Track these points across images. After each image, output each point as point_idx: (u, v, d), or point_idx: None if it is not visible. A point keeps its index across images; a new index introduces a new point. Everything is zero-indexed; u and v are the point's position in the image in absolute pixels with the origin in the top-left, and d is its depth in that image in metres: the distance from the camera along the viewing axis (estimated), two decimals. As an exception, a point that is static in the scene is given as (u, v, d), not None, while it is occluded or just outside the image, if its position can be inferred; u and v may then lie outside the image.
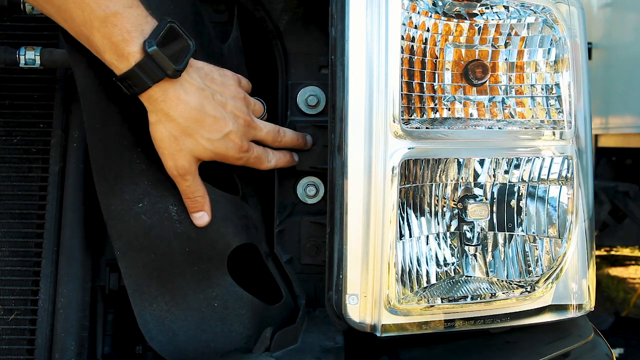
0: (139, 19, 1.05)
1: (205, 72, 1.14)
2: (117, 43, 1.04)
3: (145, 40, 1.04)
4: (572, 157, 1.18)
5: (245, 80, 1.22)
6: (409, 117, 1.10)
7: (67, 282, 1.18)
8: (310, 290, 1.29)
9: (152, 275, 1.16)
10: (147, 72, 1.05)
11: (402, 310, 1.11)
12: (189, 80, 1.10)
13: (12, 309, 1.18)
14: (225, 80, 1.16)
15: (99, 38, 1.04)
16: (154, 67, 1.05)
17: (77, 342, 1.17)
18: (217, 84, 1.14)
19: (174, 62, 1.06)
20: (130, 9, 1.04)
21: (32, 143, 1.23)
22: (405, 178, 1.10)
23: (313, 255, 1.27)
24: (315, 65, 1.27)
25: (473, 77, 1.15)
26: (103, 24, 1.03)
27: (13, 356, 1.16)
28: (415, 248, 1.13)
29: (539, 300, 1.19)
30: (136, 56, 1.04)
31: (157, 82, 1.06)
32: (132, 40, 1.04)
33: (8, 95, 1.24)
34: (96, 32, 1.03)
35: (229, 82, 1.17)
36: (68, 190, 1.21)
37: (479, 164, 1.17)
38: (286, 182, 1.27)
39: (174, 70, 1.06)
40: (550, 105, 1.18)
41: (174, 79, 1.08)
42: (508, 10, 1.16)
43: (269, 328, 1.17)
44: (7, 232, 1.20)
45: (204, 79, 1.12)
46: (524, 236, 1.18)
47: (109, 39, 1.03)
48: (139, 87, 1.07)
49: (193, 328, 1.17)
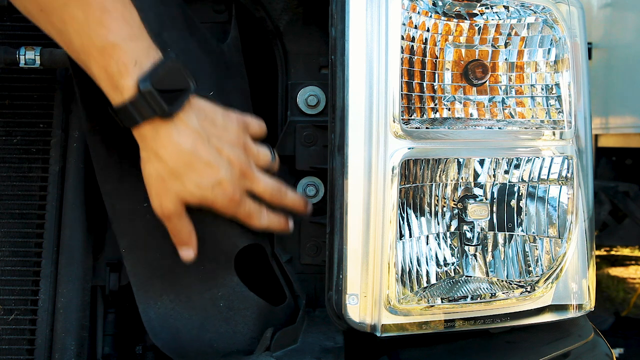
0: (139, 52, 1.01)
1: (206, 114, 1.08)
2: (112, 75, 1.00)
3: (140, 76, 1.00)
4: (572, 157, 1.18)
5: (256, 124, 1.17)
6: (409, 117, 1.10)
7: (67, 282, 1.18)
8: (310, 290, 1.29)
9: (157, 274, 1.16)
10: (138, 109, 1.02)
11: (402, 310, 1.11)
12: (185, 121, 1.05)
13: (12, 309, 1.18)
14: (227, 124, 1.11)
15: (96, 67, 1.01)
16: (146, 106, 1.01)
17: (77, 342, 1.17)
18: (217, 127, 1.09)
19: (167, 102, 1.02)
20: (131, 41, 1.00)
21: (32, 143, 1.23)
22: (405, 178, 1.10)
23: (313, 255, 1.27)
24: (315, 65, 1.27)
25: (473, 77, 1.15)
26: (100, 54, 1.00)
27: (13, 356, 1.16)
28: (415, 248, 1.13)
29: (539, 300, 1.19)
30: (129, 91, 1.01)
31: (147, 120, 1.03)
32: (127, 75, 1.00)
33: (8, 95, 1.24)
34: (93, 61, 1.01)
35: (231, 127, 1.11)
36: (68, 190, 1.21)
37: (479, 164, 1.17)
38: (286, 182, 1.27)
39: (166, 112, 1.02)
40: (550, 105, 1.18)
41: (167, 119, 1.04)
42: (508, 10, 1.16)
43: (269, 328, 1.18)
44: (7, 232, 1.20)
45: (202, 120, 1.07)
46: (524, 236, 1.18)
47: (105, 70, 1.00)
48: (130, 122, 1.04)
49: (197, 327, 1.18)
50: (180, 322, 1.17)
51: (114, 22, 0.99)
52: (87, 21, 0.98)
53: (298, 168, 1.25)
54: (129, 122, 1.03)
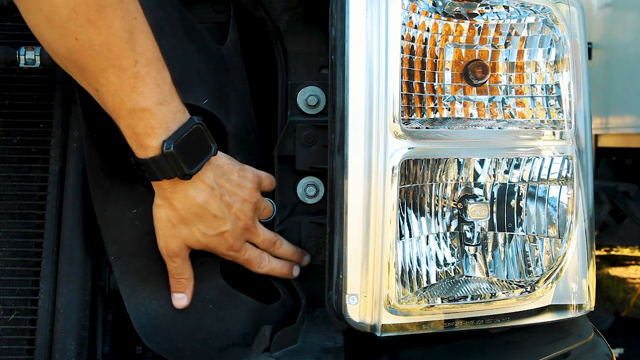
0: (167, 115, 1.06)
1: (223, 172, 1.15)
2: (139, 134, 1.06)
3: (165, 139, 1.06)
4: (572, 157, 1.18)
5: (268, 180, 1.24)
6: (409, 117, 1.10)
7: (67, 282, 1.18)
8: (310, 290, 1.29)
9: (146, 280, 1.18)
10: (160, 168, 1.07)
11: (402, 310, 1.11)
12: (202, 178, 1.12)
13: (12, 309, 1.17)
14: (242, 182, 1.18)
15: (124, 125, 1.06)
16: (167, 166, 1.07)
17: (77, 342, 1.17)
18: (231, 184, 1.16)
19: (187, 165, 1.08)
20: (161, 105, 1.05)
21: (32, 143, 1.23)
22: (405, 178, 1.10)
23: (313, 255, 1.27)
24: (315, 65, 1.27)
25: (473, 77, 1.15)
26: (130, 115, 1.05)
27: (13, 356, 1.16)
28: (415, 248, 1.13)
29: (539, 300, 1.19)
30: (154, 151, 1.06)
31: (167, 178, 1.09)
32: (154, 136, 1.06)
33: (8, 95, 1.24)
34: (122, 120, 1.06)
35: (246, 185, 1.18)
36: (68, 190, 1.21)
37: (479, 164, 1.17)
38: (286, 182, 1.27)
39: (185, 174, 1.08)
40: (550, 105, 1.18)
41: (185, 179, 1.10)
42: (508, 10, 1.16)
43: (267, 326, 1.18)
44: (7, 232, 1.20)
45: (219, 178, 1.14)
46: (524, 236, 1.18)
47: (133, 129, 1.06)
48: (151, 175, 1.09)
49: (189, 328, 1.18)
50: (172, 325, 1.18)
51: (146, 88, 1.04)
52: (122, 86, 1.03)
53: (298, 168, 1.25)
54: (150, 176, 1.09)
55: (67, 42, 1.00)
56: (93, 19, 0.98)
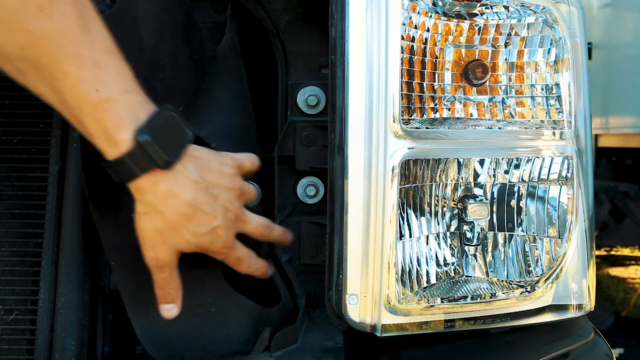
0: (135, 105, 0.99)
1: (202, 162, 1.07)
2: (107, 129, 0.98)
3: (137, 128, 0.99)
4: (572, 157, 1.18)
5: (249, 160, 1.16)
6: (409, 117, 1.10)
7: (67, 282, 1.18)
8: (310, 290, 1.29)
9: (147, 284, 1.16)
10: (136, 162, 0.99)
11: (402, 310, 1.11)
12: (184, 172, 1.04)
13: (12, 309, 1.17)
14: (222, 169, 1.10)
15: (90, 122, 0.98)
16: (145, 157, 0.99)
17: (77, 342, 1.17)
18: (213, 175, 1.08)
19: (166, 153, 1.00)
20: (128, 94, 0.99)
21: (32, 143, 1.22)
22: (405, 178, 1.10)
23: (313, 255, 1.27)
24: (315, 65, 1.27)
25: (473, 77, 1.15)
26: (94, 109, 0.97)
27: (13, 356, 1.16)
28: (415, 248, 1.13)
29: (539, 300, 1.19)
30: (127, 144, 0.98)
31: (146, 172, 1.01)
32: (124, 127, 0.98)
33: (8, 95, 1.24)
34: (87, 116, 0.98)
35: (227, 171, 1.11)
36: (68, 190, 1.21)
37: (479, 164, 1.17)
38: (286, 182, 1.27)
39: (165, 161, 1.01)
40: (550, 105, 1.18)
41: (166, 170, 1.02)
42: (508, 10, 1.16)
43: (267, 328, 1.18)
44: (7, 232, 1.20)
45: (200, 170, 1.06)
46: (524, 236, 1.18)
47: (100, 124, 0.98)
48: (127, 175, 1.01)
49: (190, 334, 1.17)
50: (172, 331, 1.16)
51: (109, 77, 0.97)
52: (82, 76, 0.96)
53: (298, 168, 1.25)
54: (127, 175, 1.02)
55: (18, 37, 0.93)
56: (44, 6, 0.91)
